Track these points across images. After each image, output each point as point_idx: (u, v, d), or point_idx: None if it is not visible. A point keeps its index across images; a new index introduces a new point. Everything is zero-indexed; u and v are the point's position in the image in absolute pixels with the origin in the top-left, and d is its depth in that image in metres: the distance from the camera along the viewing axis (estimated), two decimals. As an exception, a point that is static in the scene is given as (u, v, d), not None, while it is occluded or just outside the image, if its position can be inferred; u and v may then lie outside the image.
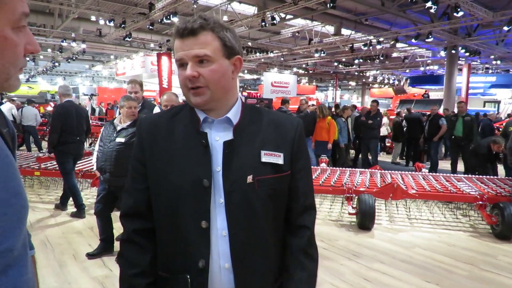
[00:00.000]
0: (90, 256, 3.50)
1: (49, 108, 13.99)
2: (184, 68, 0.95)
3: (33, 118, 9.58)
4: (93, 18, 13.09)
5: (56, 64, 22.00)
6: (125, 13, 12.94)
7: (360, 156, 8.84)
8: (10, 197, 0.65)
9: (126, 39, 13.74)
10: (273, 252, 1.04)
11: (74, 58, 19.20)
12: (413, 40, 13.04)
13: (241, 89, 32.09)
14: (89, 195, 5.75)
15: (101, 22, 12.86)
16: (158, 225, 1.02)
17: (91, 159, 6.21)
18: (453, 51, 14.95)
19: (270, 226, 1.01)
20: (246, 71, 25.31)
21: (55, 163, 5.82)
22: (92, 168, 5.56)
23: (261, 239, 0.99)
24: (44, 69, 25.02)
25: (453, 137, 7.69)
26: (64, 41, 14.85)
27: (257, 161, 0.98)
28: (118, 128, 3.37)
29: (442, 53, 15.35)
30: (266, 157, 0.99)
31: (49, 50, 18.70)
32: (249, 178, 0.96)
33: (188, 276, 0.96)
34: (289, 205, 1.06)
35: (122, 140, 3.30)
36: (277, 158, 1.00)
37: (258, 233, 0.99)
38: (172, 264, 0.99)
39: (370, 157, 8.51)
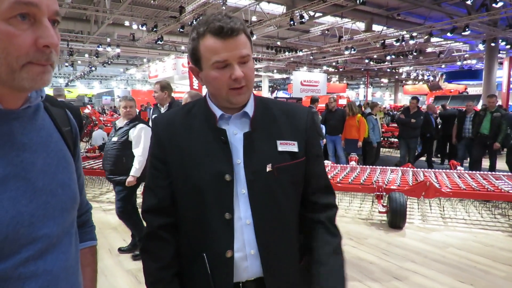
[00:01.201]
0: (122, 251, 3.66)
1: (87, 111, 14.63)
2: (226, 69, 0.96)
3: (72, 120, 10.06)
4: (126, 23, 13.57)
5: (93, 68, 23.00)
6: (156, 17, 13.31)
7: (424, 157, 8.28)
8: (56, 187, 0.72)
9: (158, 42, 14.12)
10: (295, 234, 1.09)
11: (109, 62, 20.01)
12: (448, 34, 12.55)
13: (271, 89, 32.13)
14: (124, 193, 5.98)
15: (134, 26, 13.30)
16: (182, 219, 1.05)
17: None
18: (493, 44, 14.26)
19: (290, 210, 1.06)
20: (275, 71, 25.31)
21: (92, 162, 6.12)
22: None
23: (283, 223, 1.04)
24: (82, 73, 26.21)
25: (478, 134, 6.97)
26: (100, 46, 15.48)
27: (274, 150, 1.03)
28: (117, 127, 3.52)
29: (481, 47, 14.67)
30: (282, 146, 1.03)
31: (86, 55, 19.58)
32: (269, 167, 1.01)
33: (215, 265, 1.00)
34: (309, 188, 1.10)
35: (115, 139, 3.44)
36: (292, 147, 1.04)
37: (280, 218, 1.03)
38: (197, 257, 1.01)
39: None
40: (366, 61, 20.41)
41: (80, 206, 0.86)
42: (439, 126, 9.09)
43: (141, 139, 3.41)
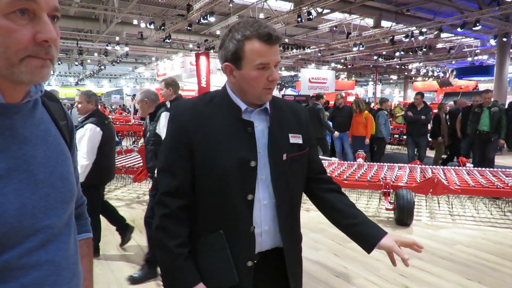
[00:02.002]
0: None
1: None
2: (265, 70, 1.09)
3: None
4: (135, 22, 13.66)
5: (102, 67, 23.21)
6: (164, 15, 13.37)
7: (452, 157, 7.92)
8: (56, 180, 0.74)
9: (166, 40, 14.20)
10: (299, 215, 1.28)
11: (118, 61, 20.17)
12: (459, 29, 12.36)
13: (279, 86, 32.04)
14: (131, 190, 6.04)
15: (142, 25, 13.39)
16: (205, 202, 1.14)
17: (134, 156, 6.53)
18: (504, 39, 13.99)
19: (299, 193, 1.26)
20: (283, 68, 25.24)
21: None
22: (135, 165, 5.85)
23: (295, 203, 1.23)
24: (91, 72, 26.48)
25: (477, 132, 6.62)
26: (109, 45, 15.62)
27: (287, 142, 1.19)
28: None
29: (492, 42, 14.43)
30: (293, 139, 1.20)
31: (96, 54, 19.76)
32: (284, 156, 1.17)
33: (240, 239, 1.13)
34: (314, 171, 1.30)
35: None
36: (298, 139, 1.22)
37: (293, 199, 1.21)
38: (221, 234, 1.13)
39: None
40: (375, 57, 20.21)
41: (76, 198, 0.88)
42: (448, 123, 8.96)
43: (82, 140, 3.11)
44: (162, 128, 2.97)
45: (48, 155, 0.74)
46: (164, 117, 2.95)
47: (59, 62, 21.17)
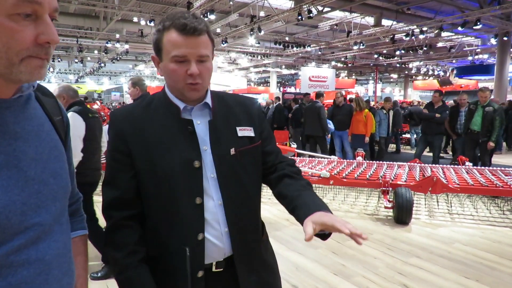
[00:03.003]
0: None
1: (96, 107, 14.76)
2: (184, 64, 1.02)
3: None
4: (135, 19, 13.63)
5: (102, 64, 23.19)
6: (164, 13, 13.34)
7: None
8: (48, 177, 0.72)
9: (166, 38, 14.16)
10: (258, 211, 1.21)
11: (118, 59, 20.14)
12: (459, 28, 12.34)
13: (278, 84, 32.04)
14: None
15: (142, 22, 13.35)
16: (150, 209, 1.08)
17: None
18: (505, 38, 13.97)
19: (253, 189, 1.17)
20: (283, 66, 25.21)
21: (102, 157, 6.16)
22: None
23: (249, 201, 1.15)
24: (91, 69, 26.45)
25: (468, 130, 6.38)
26: (109, 42, 15.59)
27: (235, 136, 1.13)
28: None
29: (493, 41, 14.41)
30: (241, 132, 1.14)
31: (96, 51, 19.74)
32: (232, 151, 1.10)
33: (187, 248, 1.04)
34: (269, 164, 1.21)
35: None
36: (249, 132, 1.16)
37: (246, 196, 1.13)
38: (169, 243, 1.06)
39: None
40: (375, 56, 20.17)
41: (71, 195, 0.87)
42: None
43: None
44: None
45: (40, 151, 0.72)
46: (70, 117, 2.78)
47: (59, 60, 21.17)
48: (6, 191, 0.64)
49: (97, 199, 5.33)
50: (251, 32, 13.33)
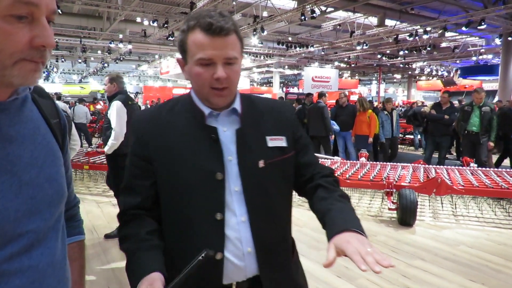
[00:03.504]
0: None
1: (99, 107, 14.80)
2: (210, 67, 0.94)
3: (84, 116, 10.19)
4: (138, 19, 13.65)
5: (105, 65, 23.23)
6: (167, 13, 13.35)
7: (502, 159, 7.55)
8: (43, 182, 0.69)
9: (169, 38, 14.16)
10: (288, 229, 1.11)
11: (121, 59, 20.15)
12: (464, 28, 12.25)
13: (281, 85, 32.01)
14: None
15: (145, 22, 13.36)
16: (167, 221, 1.02)
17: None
18: (510, 38, 13.83)
19: (283, 205, 1.07)
20: (286, 67, 25.17)
21: (103, 157, 6.18)
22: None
23: (277, 218, 1.04)
24: (95, 70, 26.50)
25: (465, 131, 6.34)
26: (112, 42, 15.61)
27: (264, 146, 1.02)
28: None
29: (497, 41, 14.31)
30: (272, 141, 1.03)
31: (99, 52, 19.78)
32: (261, 163, 1.00)
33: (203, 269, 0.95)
34: (306, 177, 1.09)
35: None
36: (281, 142, 1.04)
37: (274, 213, 1.03)
38: (184, 261, 0.95)
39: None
40: (379, 56, 20.08)
41: (68, 200, 0.84)
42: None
43: None
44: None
45: (35, 155, 0.70)
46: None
47: (63, 60, 21.22)
48: None
49: (99, 199, 5.27)
50: (254, 32, 13.30)
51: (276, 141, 1.04)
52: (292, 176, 1.09)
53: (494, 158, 7.77)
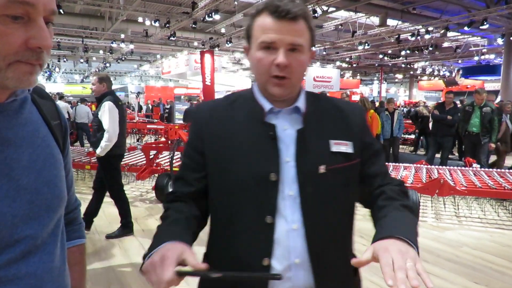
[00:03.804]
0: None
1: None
2: (271, 52, 0.88)
3: (85, 115, 10.19)
4: (140, 19, 13.65)
5: (107, 64, 23.27)
6: (169, 13, 13.35)
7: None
8: (42, 186, 0.67)
9: (170, 38, 14.18)
10: (348, 243, 1.00)
11: (123, 59, 20.20)
12: (466, 28, 12.22)
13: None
14: (134, 188, 6.03)
15: (147, 22, 13.37)
16: (214, 217, 0.99)
17: (137, 154, 6.51)
18: (512, 38, 13.83)
19: (343, 216, 0.97)
20: (288, 67, 25.14)
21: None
22: (138, 162, 5.84)
23: (336, 229, 0.96)
24: (96, 69, 26.52)
25: (466, 132, 6.33)
26: (114, 42, 15.63)
27: (327, 150, 0.93)
28: None
29: (500, 41, 14.26)
30: (336, 146, 0.94)
31: (101, 51, 19.79)
32: (322, 168, 0.91)
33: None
34: (373, 187, 0.99)
35: None
36: (347, 147, 0.95)
37: (333, 223, 0.94)
38: (228, 263, 0.92)
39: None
40: (380, 56, 20.05)
41: (69, 203, 0.82)
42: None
43: None
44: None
45: (34, 159, 0.68)
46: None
47: (65, 60, 21.26)
48: None
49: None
50: (256, 32, 13.28)
51: (341, 146, 0.95)
52: (356, 186, 0.99)
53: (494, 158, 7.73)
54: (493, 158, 7.41)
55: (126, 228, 3.91)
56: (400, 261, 0.70)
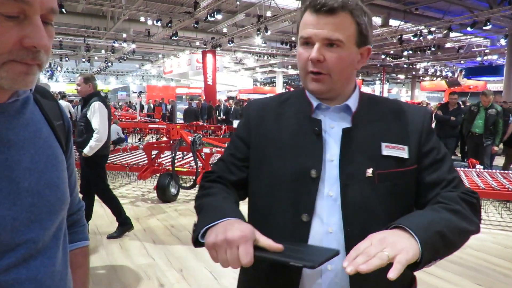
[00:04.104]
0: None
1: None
2: (308, 48, 0.86)
3: (87, 115, 10.19)
4: (142, 19, 13.67)
5: (109, 64, 23.30)
6: (171, 12, 13.36)
7: None
8: (44, 188, 0.66)
9: (172, 38, 14.18)
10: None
11: (125, 58, 20.23)
12: (468, 29, 12.19)
13: (285, 84, 31.99)
14: (136, 187, 6.02)
15: (149, 22, 13.39)
16: (252, 212, 0.97)
17: (139, 153, 6.50)
18: (515, 39, 13.79)
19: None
20: (290, 67, 25.14)
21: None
22: (139, 162, 5.83)
23: None
24: (98, 69, 26.58)
25: (469, 133, 6.23)
26: (116, 42, 15.65)
27: (378, 153, 0.87)
28: None
29: (502, 41, 14.21)
30: (388, 149, 0.87)
31: (103, 51, 19.84)
32: (369, 172, 0.85)
33: (279, 278, 0.88)
34: (426, 199, 0.90)
35: None
36: (401, 152, 0.88)
37: (375, 231, 0.81)
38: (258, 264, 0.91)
39: None
40: (383, 56, 20.05)
41: (72, 204, 0.81)
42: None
43: None
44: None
45: (36, 160, 0.66)
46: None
47: (67, 59, 21.29)
48: None
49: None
50: (258, 32, 13.28)
51: (394, 150, 0.88)
52: (410, 196, 0.90)
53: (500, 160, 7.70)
54: (498, 160, 7.38)
55: (124, 225, 3.89)
56: (372, 248, 0.67)
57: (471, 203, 0.86)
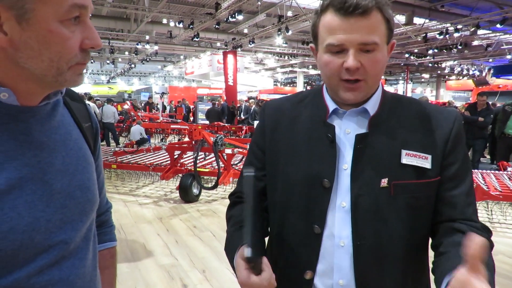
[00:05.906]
0: None
1: (126, 107, 15.11)
2: (340, 55, 0.77)
3: (111, 115, 10.40)
4: (164, 21, 13.86)
5: (133, 65, 23.75)
6: (193, 14, 13.48)
7: None
8: (75, 190, 0.67)
9: (194, 39, 14.31)
10: (406, 276, 0.84)
11: (148, 60, 20.57)
12: (498, 26, 11.75)
13: (305, 84, 31.78)
14: (159, 187, 6.09)
15: (171, 24, 13.56)
16: (270, 221, 0.95)
17: (162, 153, 6.59)
18: (548, 36, 13.20)
19: (405, 242, 0.82)
20: (310, 66, 24.94)
21: (129, 156, 6.29)
22: (162, 162, 5.90)
23: (391, 255, 0.81)
24: (122, 70, 27.15)
25: (502, 134, 5.94)
26: (139, 44, 15.92)
27: (396, 161, 0.80)
28: None
29: (534, 39, 13.65)
30: (408, 158, 0.80)
31: (126, 53, 20.24)
32: (384, 182, 0.79)
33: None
34: (439, 218, 0.83)
35: None
36: (423, 161, 0.80)
37: (389, 247, 0.80)
38: (276, 269, 0.85)
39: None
40: (406, 55, 19.60)
41: (100, 205, 0.82)
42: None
43: None
44: None
45: (67, 162, 0.67)
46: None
47: (92, 61, 21.85)
48: (30, 207, 0.59)
49: (126, 198, 5.32)
50: (279, 32, 13.23)
51: (416, 159, 0.80)
52: (429, 209, 0.83)
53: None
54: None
55: None
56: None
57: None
